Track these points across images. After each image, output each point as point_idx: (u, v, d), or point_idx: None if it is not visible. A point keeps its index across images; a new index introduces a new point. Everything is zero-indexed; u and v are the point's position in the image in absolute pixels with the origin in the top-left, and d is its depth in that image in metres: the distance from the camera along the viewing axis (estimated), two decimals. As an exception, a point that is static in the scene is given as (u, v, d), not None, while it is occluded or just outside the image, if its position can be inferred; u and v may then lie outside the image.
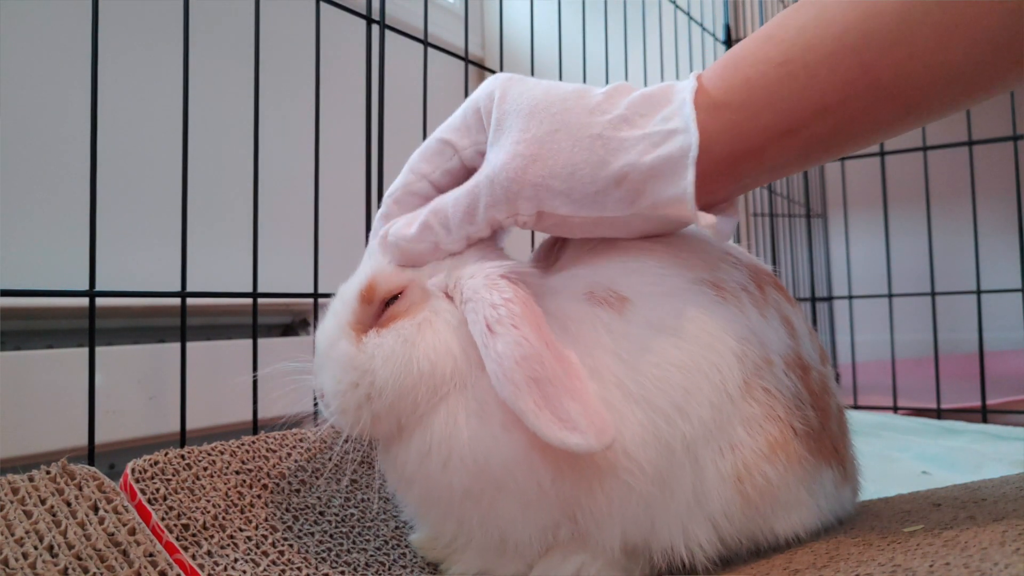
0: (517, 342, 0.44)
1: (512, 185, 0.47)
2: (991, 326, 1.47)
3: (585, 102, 0.48)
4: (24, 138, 0.99)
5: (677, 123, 0.45)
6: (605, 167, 0.46)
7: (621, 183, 0.46)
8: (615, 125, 0.46)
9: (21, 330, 0.97)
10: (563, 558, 0.50)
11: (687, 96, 0.46)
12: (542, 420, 0.42)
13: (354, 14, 0.89)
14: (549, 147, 0.47)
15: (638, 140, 0.46)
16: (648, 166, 0.45)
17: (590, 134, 0.46)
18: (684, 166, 0.45)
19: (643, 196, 0.46)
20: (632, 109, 0.47)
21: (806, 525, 0.53)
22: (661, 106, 0.47)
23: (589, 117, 0.47)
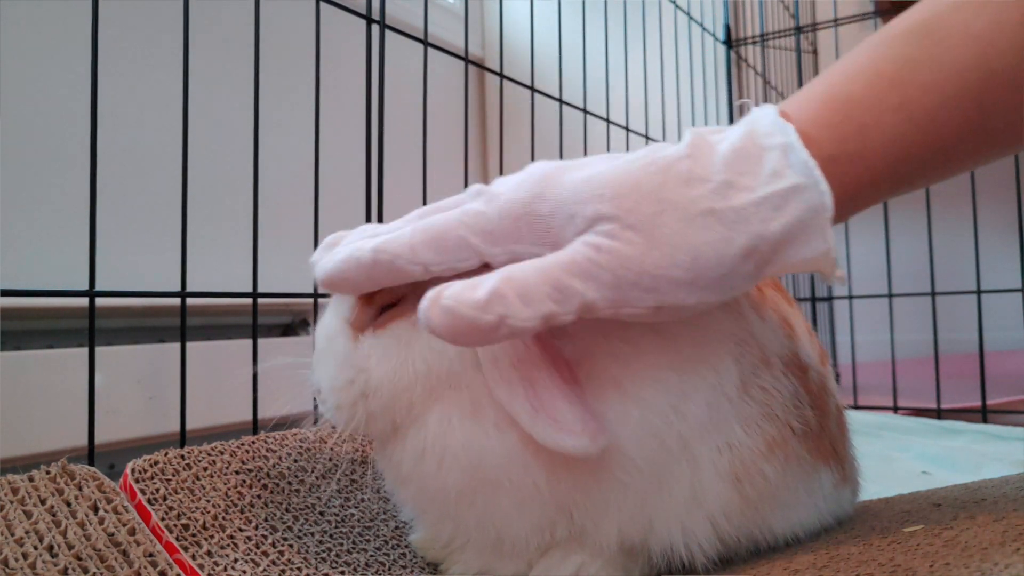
0: (513, 345, 0.44)
1: (627, 274, 0.40)
2: (991, 326, 1.47)
3: (675, 171, 0.41)
4: (24, 138, 0.99)
5: (794, 178, 0.40)
6: (730, 245, 0.40)
7: (749, 257, 0.41)
8: (721, 193, 0.41)
9: (21, 330, 0.97)
10: (562, 557, 0.50)
11: (793, 142, 0.41)
12: (537, 423, 0.43)
13: (354, 14, 0.90)
14: (661, 232, 0.40)
15: (756, 206, 0.40)
16: (777, 234, 0.40)
17: (700, 210, 0.40)
18: (819, 226, 0.40)
19: (772, 264, 0.42)
20: (730, 170, 0.41)
21: (805, 525, 0.54)
22: (758, 159, 0.41)
23: (689, 189, 0.41)
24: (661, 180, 0.41)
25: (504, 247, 0.44)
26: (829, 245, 0.41)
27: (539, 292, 0.40)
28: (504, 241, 0.44)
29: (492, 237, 0.44)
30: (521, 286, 0.40)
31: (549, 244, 0.43)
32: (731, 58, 1.99)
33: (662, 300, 0.41)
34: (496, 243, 0.44)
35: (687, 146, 0.43)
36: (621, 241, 0.40)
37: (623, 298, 0.41)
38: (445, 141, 1.30)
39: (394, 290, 0.50)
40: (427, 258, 0.45)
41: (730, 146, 0.42)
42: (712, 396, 0.48)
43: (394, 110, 0.94)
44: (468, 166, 1.08)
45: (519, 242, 0.44)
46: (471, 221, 0.44)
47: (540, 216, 0.43)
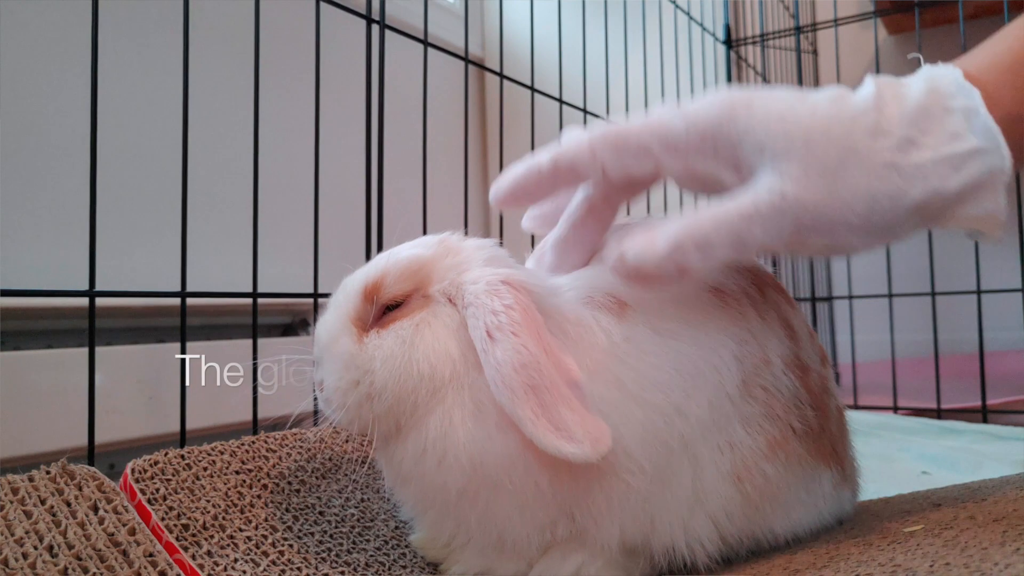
0: (516, 349, 0.44)
1: (807, 219, 0.43)
2: (991, 326, 1.47)
3: (862, 123, 0.43)
4: (24, 138, 0.99)
5: (975, 142, 0.43)
6: (904, 197, 0.43)
7: (921, 211, 0.43)
8: (903, 149, 0.43)
9: (21, 330, 0.97)
10: (563, 557, 0.50)
11: (978, 107, 0.43)
12: (539, 428, 0.43)
13: (354, 14, 0.90)
14: (843, 179, 0.43)
15: (935, 164, 0.43)
16: (955, 192, 0.43)
17: (882, 162, 0.43)
18: (996, 188, 0.43)
19: (941, 218, 0.44)
20: (914, 127, 0.43)
21: (805, 525, 0.54)
22: (941, 119, 0.44)
23: (874, 141, 0.43)
24: (848, 129, 0.43)
25: (684, 160, 0.46)
26: (999, 205, 0.43)
27: (718, 241, 0.44)
28: (686, 154, 0.46)
29: (675, 148, 0.46)
30: (700, 237, 0.44)
31: (731, 166, 0.45)
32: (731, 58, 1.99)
33: (834, 242, 0.44)
34: (677, 155, 0.46)
35: (873, 97, 0.44)
36: (805, 187, 0.43)
37: (800, 241, 0.44)
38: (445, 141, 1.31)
39: (397, 291, 0.50)
40: (606, 158, 0.47)
41: (914, 103, 0.44)
42: (714, 396, 0.48)
43: (394, 110, 0.94)
44: (468, 166, 1.08)
45: (701, 157, 0.46)
46: (657, 129, 0.46)
47: (728, 137, 0.45)
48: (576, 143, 0.48)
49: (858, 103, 0.44)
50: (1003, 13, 1.42)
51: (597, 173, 0.48)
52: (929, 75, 0.46)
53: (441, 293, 0.50)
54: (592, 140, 0.48)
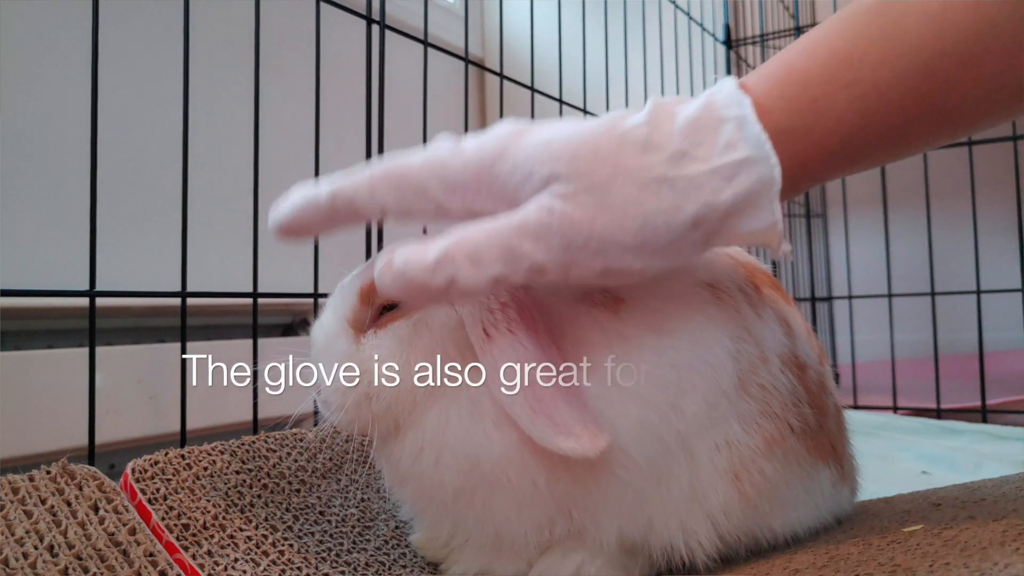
0: (513, 346, 0.44)
1: (576, 237, 0.41)
2: (991, 326, 1.47)
3: (632, 138, 0.42)
4: (24, 138, 0.99)
5: (746, 151, 0.41)
6: (679, 212, 0.41)
7: (698, 226, 0.42)
8: (675, 162, 0.41)
9: (21, 330, 0.97)
10: (562, 556, 0.50)
11: (748, 115, 0.42)
12: (537, 424, 0.43)
13: (354, 14, 0.90)
14: (612, 195, 0.41)
15: (707, 176, 0.41)
16: (727, 205, 0.41)
17: (654, 176, 0.41)
18: (768, 199, 0.41)
19: (720, 234, 0.43)
20: (686, 139, 0.42)
21: (804, 523, 0.54)
22: (714, 130, 0.42)
23: (644, 156, 0.42)
24: (618, 145, 0.42)
25: (463, 200, 0.44)
26: (776, 218, 0.42)
27: (489, 255, 0.41)
28: (463, 194, 0.44)
29: (452, 189, 0.44)
30: (471, 249, 0.41)
31: (506, 202, 0.43)
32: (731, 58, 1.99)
33: (609, 264, 0.42)
34: (455, 195, 0.44)
35: (647, 114, 0.43)
36: (573, 203, 0.41)
37: (571, 260, 0.42)
38: (445, 141, 1.30)
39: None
40: (386, 199, 0.45)
41: (688, 116, 0.43)
42: (710, 393, 0.48)
43: (394, 110, 0.94)
44: (468, 166, 1.08)
45: (478, 197, 0.44)
46: (433, 170, 0.44)
47: (500, 174, 0.43)
48: (355, 180, 0.46)
49: (631, 121, 0.43)
50: (1003, 13, 1.42)
51: (376, 212, 0.45)
52: (709, 91, 0.45)
53: None
54: (372, 178, 0.45)
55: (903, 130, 0.43)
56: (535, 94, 1.20)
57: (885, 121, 0.42)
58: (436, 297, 0.43)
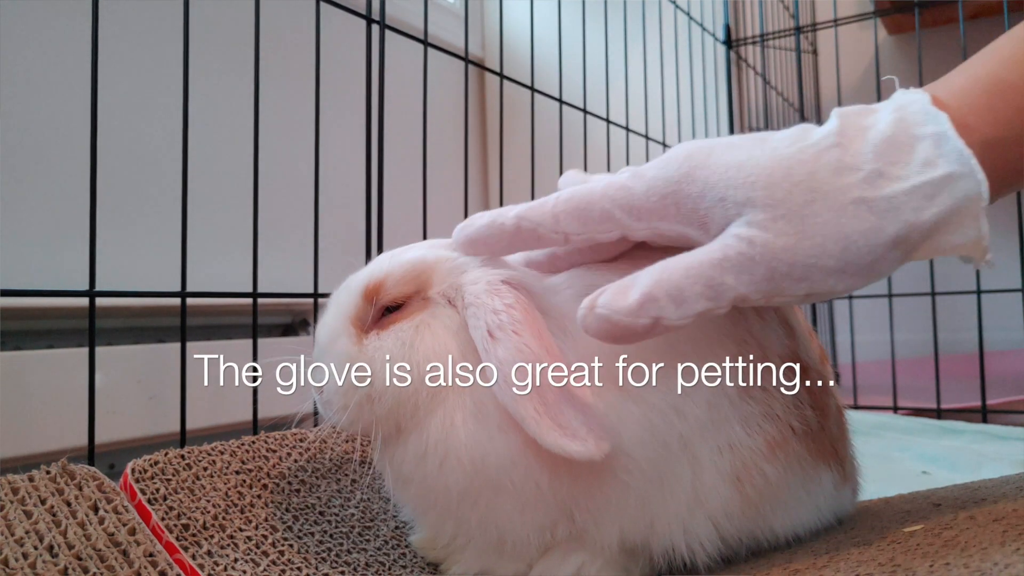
0: (518, 348, 0.44)
1: (780, 266, 0.41)
2: (991, 326, 1.47)
3: (825, 160, 0.42)
4: (24, 138, 0.99)
5: (947, 167, 0.41)
6: (880, 234, 0.41)
7: (899, 245, 0.41)
8: (872, 183, 0.41)
9: (21, 330, 0.97)
10: (563, 557, 0.50)
11: (948, 131, 0.41)
12: (542, 427, 0.43)
13: (354, 14, 0.90)
14: (812, 221, 0.41)
15: (907, 195, 0.41)
16: (931, 223, 0.41)
17: (851, 199, 0.41)
18: (973, 214, 0.41)
19: (921, 250, 0.42)
20: (882, 159, 0.41)
21: (805, 525, 0.54)
22: (910, 147, 0.42)
23: (840, 178, 0.41)
24: (812, 168, 0.42)
25: (648, 223, 0.45)
26: (982, 232, 0.42)
27: (692, 292, 0.41)
28: (648, 217, 0.45)
29: (637, 212, 0.45)
30: (673, 288, 0.41)
31: (696, 224, 0.44)
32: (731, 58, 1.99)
33: (812, 288, 0.42)
34: (640, 219, 0.45)
35: (836, 133, 0.43)
36: (773, 232, 0.41)
37: (775, 288, 0.42)
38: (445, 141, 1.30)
39: (398, 293, 0.50)
40: (570, 228, 0.46)
41: (880, 134, 0.42)
42: (712, 396, 0.48)
43: (394, 110, 0.94)
44: (468, 166, 1.08)
45: (664, 219, 0.45)
46: (617, 195, 0.45)
47: (688, 196, 0.44)
48: (541, 208, 0.47)
49: (820, 140, 0.43)
50: (1003, 13, 1.42)
51: (560, 240, 0.47)
52: (897, 103, 0.44)
53: (441, 295, 0.50)
54: (556, 206, 0.47)
55: None
56: (535, 94, 1.20)
57: None
58: (642, 336, 0.43)
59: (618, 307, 0.42)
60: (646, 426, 0.46)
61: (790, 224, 0.41)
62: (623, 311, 0.41)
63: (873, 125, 0.43)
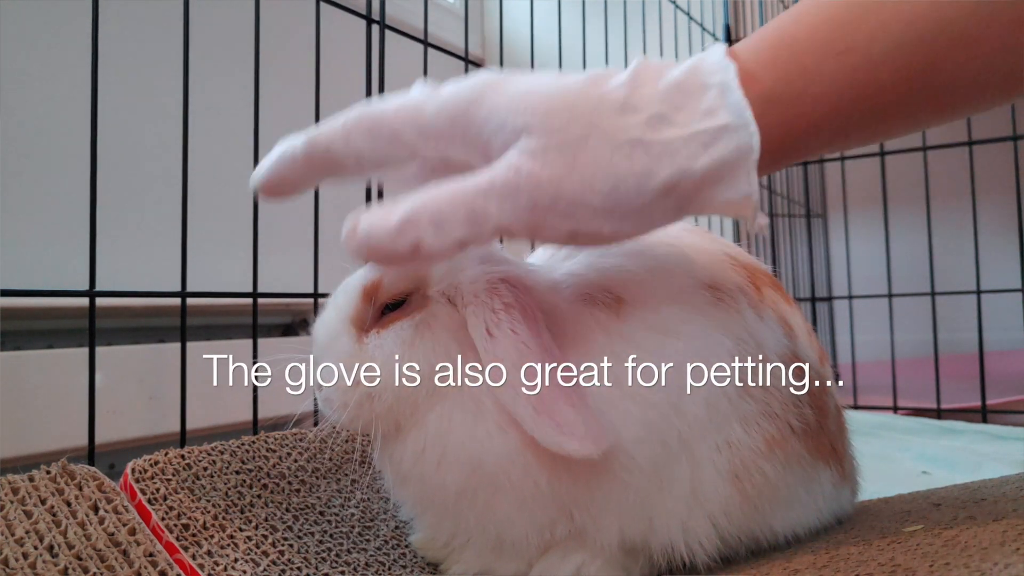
0: (516, 347, 0.44)
1: (543, 198, 0.40)
2: (991, 326, 1.47)
3: (611, 98, 0.41)
4: (24, 138, 0.99)
5: (726, 118, 0.40)
6: (652, 177, 0.40)
7: (671, 192, 0.40)
8: (652, 125, 0.40)
9: (21, 330, 0.97)
10: (562, 557, 0.50)
11: (731, 82, 0.40)
12: (540, 425, 0.43)
13: (354, 14, 0.90)
14: (584, 156, 0.40)
15: (684, 142, 0.40)
16: (702, 172, 0.40)
17: (628, 139, 0.40)
18: (745, 169, 0.40)
19: (694, 202, 0.41)
20: (667, 103, 0.40)
21: (805, 523, 0.54)
22: (697, 95, 0.41)
23: (621, 118, 0.40)
24: (595, 104, 0.41)
25: (436, 146, 0.43)
26: (752, 189, 0.40)
27: (453, 217, 0.40)
28: (437, 140, 0.43)
29: (426, 134, 0.43)
30: (435, 212, 0.40)
31: (479, 151, 0.43)
32: (731, 58, 1.99)
33: (578, 227, 0.41)
34: (429, 141, 0.43)
35: (630, 74, 0.42)
36: (542, 161, 0.40)
37: (539, 221, 0.41)
38: (445, 141, 1.30)
39: (396, 290, 0.50)
40: (361, 146, 0.44)
41: (672, 80, 0.41)
42: (711, 394, 0.48)
43: (394, 110, 0.94)
44: (468, 166, 1.08)
45: (452, 143, 0.43)
46: (408, 115, 0.43)
47: (474, 120, 0.42)
48: (331, 127, 0.45)
49: (613, 81, 0.42)
50: (1003, 13, 1.42)
51: (353, 161, 0.45)
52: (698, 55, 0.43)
53: (440, 293, 0.50)
54: (346, 124, 0.44)
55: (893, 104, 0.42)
56: (535, 94, 1.20)
57: (875, 94, 0.41)
58: (401, 261, 0.42)
59: (378, 228, 0.41)
60: (645, 424, 0.46)
61: (561, 155, 0.40)
62: (383, 231, 0.41)
63: (668, 72, 0.42)
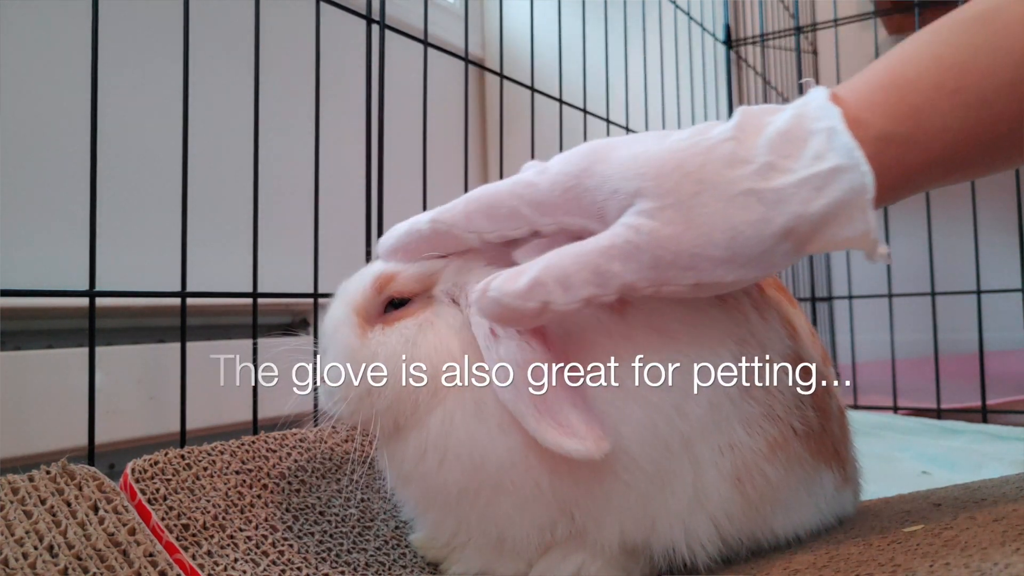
0: (520, 347, 0.44)
1: (665, 254, 0.42)
2: (991, 326, 1.47)
3: (718, 152, 0.42)
4: (24, 138, 0.99)
5: (836, 160, 0.41)
6: (769, 224, 0.41)
7: (788, 236, 0.42)
8: (763, 174, 0.42)
9: (21, 330, 0.97)
10: (563, 557, 0.50)
11: (837, 125, 0.42)
12: (542, 425, 0.43)
13: (354, 14, 0.90)
14: (700, 211, 0.41)
15: (796, 187, 0.41)
16: (818, 215, 0.41)
17: (741, 190, 0.41)
18: (861, 207, 0.41)
19: (812, 243, 0.42)
20: (774, 152, 0.42)
21: (806, 525, 0.54)
22: (803, 141, 0.42)
23: (731, 170, 0.42)
24: (703, 160, 0.42)
25: (553, 218, 0.46)
26: (870, 226, 0.41)
27: (578, 278, 0.43)
28: (553, 212, 0.46)
29: (542, 208, 0.46)
30: (560, 273, 0.43)
31: (595, 217, 0.45)
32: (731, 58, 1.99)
33: (700, 278, 0.43)
34: (545, 213, 0.46)
35: (734, 127, 0.44)
36: (660, 221, 0.42)
37: (662, 277, 0.43)
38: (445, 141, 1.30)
39: (405, 289, 0.50)
40: (481, 226, 0.48)
41: (776, 129, 0.43)
42: (714, 396, 0.48)
43: (394, 110, 0.94)
44: (468, 166, 1.08)
45: (568, 214, 0.46)
46: (522, 192, 0.46)
47: (587, 189, 0.45)
48: (452, 209, 0.49)
49: (717, 135, 0.43)
50: (1003, 13, 1.42)
51: (474, 239, 0.48)
52: (801, 101, 0.45)
53: (444, 293, 0.50)
54: (467, 206, 0.48)
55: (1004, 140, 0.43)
56: (535, 94, 1.20)
57: (988, 130, 0.43)
58: (531, 321, 0.44)
59: (508, 290, 0.43)
60: (648, 427, 0.46)
61: (677, 213, 0.41)
62: (513, 294, 0.43)
63: (773, 122, 0.43)
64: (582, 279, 0.43)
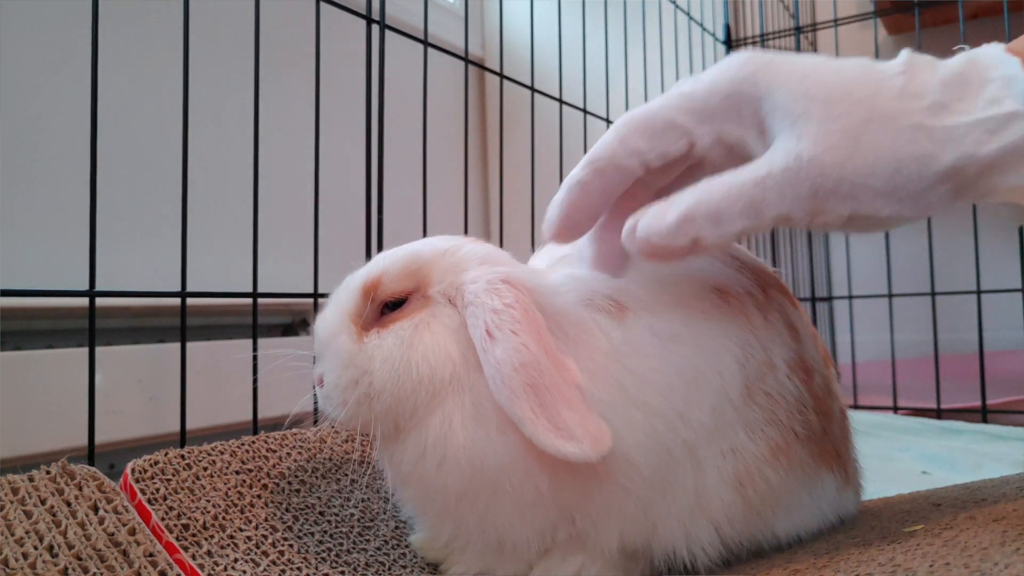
0: (516, 348, 0.44)
1: (826, 182, 0.41)
2: (991, 326, 1.47)
3: (890, 85, 0.42)
4: (24, 138, 0.99)
5: (1013, 106, 0.40)
6: (935, 161, 0.41)
7: (952, 177, 0.41)
8: (934, 112, 0.41)
9: (21, 330, 0.97)
10: (562, 559, 0.50)
11: (1017, 73, 0.41)
12: (538, 427, 0.42)
13: (354, 14, 0.90)
14: (866, 140, 0.41)
15: (969, 128, 0.41)
16: (991, 157, 0.40)
17: (910, 123, 0.41)
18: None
19: (976, 188, 0.42)
20: (947, 92, 0.41)
21: (808, 528, 0.54)
22: (978, 86, 0.42)
23: (902, 103, 0.41)
24: (875, 90, 0.42)
25: (712, 125, 0.45)
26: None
27: (731, 211, 0.42)
28: (711, 119, 0.45)
29: (701, 115, 0.45)
30: (711, 208, 0.42)
31: (755, 129, 0.44)
32: (731, 58, 1.99)
33: (857, 208, 0.42)
34: (704, 121, 0.45)
35: (903, 63, 0.43)
36: (824, 147, 0.41)
37: (819, 207, 0.42)
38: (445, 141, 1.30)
39: (396, 288, 0.50)
40: (638, 145, 0.46)
41: (950, 71, 0.42)
42: (716, 401, 0.48)
43: (394, 110, 0.94)
44: (468, 166, 1.08)
45: (727, 122, 0.45)
46: (678, 101, 0.45)
47: (750, 98, 0.44)
48: (602, 143, 0.47)
49: (888, 68, 0.43)
50: (1003, 13, 1.42)
51: (634, 161, 0.46)
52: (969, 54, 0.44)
53: (440, 294, 0.50)
54: (618, 131, 0.47)
55: None
56: (535, 94, 1.20)
57: None
58: (680, 257, 0.44)
59: (656, 229, 0.43)
60: (650, 433, 0.46)
61: (844, 139, 0.41)
62: (661, 232, 0.42)
63: (945, 65, 0.43)
64: (735, 212, 0.42)
